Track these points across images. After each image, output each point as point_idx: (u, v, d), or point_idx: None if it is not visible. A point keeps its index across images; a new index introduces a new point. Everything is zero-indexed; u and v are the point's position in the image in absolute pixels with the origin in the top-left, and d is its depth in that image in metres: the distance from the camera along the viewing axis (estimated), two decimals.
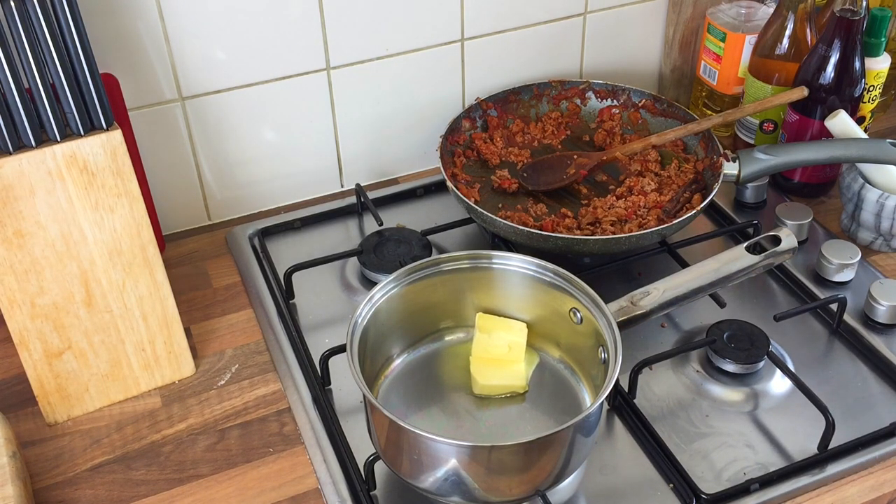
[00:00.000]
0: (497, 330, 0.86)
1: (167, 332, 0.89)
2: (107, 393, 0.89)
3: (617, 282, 1.00)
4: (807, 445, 0.82)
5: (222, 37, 1.01)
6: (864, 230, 1.05)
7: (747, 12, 1.19)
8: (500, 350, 0.85)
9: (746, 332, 0.91)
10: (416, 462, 0.73)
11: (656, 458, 0.82)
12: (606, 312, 0.79)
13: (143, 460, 0.84)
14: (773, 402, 0.88)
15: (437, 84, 1.16)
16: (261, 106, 1.07)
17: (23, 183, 0.78)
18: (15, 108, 0.76)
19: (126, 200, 0.82)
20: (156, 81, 1.01)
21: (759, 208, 1.12)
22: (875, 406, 0.87)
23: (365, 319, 0.80)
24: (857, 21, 1.02)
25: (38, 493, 0.81)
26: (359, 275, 1.04)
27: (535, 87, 1.18)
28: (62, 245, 0.81)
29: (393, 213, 1.12)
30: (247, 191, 1.13)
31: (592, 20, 1.21)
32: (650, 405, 0.87)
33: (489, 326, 0.86)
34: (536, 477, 0.73)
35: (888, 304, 0.93)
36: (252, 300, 1.01)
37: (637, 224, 1.00)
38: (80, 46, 0.76)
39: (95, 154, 0.79)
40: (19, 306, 0.82)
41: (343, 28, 1.06)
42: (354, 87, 1.11)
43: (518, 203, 1.07)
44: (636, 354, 0.89)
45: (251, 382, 0.92)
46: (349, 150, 1.16)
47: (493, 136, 1.15)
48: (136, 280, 0.86)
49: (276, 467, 0.83)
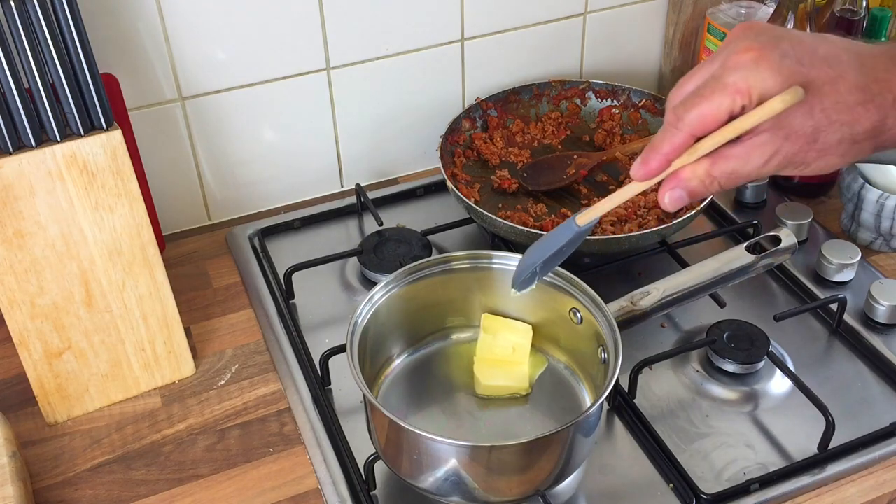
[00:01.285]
0: (502, 331, 0.86)
1: (167, 332, 0.89)
2: (107, 393, 0.89)
3: (617, 282, 1.00)
4: (807, 445, 0.82)
5: (222, 37, 1.01)
6: (864, 230, 1.05)
7: (747, 12, 1.19)
8: (504, 351, 0.85)
9: (746, 332, 0.91)
10: (416, 462, 0.73)
11: (656, 458, 0.82)
12: (606, 312, 0.79)
13: (143, 460, 0.84)
14: (773, 402, 0.88)
15: (437, 84, 1.16)
16: (261, 106, 1.07)
17: (23, 183, 0.78)
18: (15, 108, 0.76)
19: (126, 200, 0.82)
20: (156, 81, 1.01)
21: (759, 208, 1.12)
22: (875, 406, 0.87)
23: (365, 319, 0.80)
24: (857, 21, 1.02)
25: (38, 493, 0.81)
26: (359, 275, 1.04)
27: (535, 87, 1.18)
28: (62, 245, 0.81)
29: (393, 213, 1.12)
30: (247, 191, 1.13)
31: (592, 20, 1.21)
32: (650, 405, 0.87)
33: (494, 327, 0.86)
34: (536, 477, 0.73)
35: (888, 304, 0.93)
36: (252, 300, 1.01)
37: (637, 224, 1.00)
38: (80, 46, 0.76)
39: (95, 154, 0.79)
40: (19, 306, 0.82)
41: (343, 28, 1.06)
42: (354, 87, 1.11)
43: (518, 203, 1.07)
44: (636, 354, 0.89)
45: (251, 382, 0.92)
46: (349, 150, 1.16)
47: (493, 136, 1.15)
48: (136, 280, 0.86)
49: (276, 467, 0.83)
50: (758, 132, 0.56)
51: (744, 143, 0.56)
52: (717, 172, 0.57)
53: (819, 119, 0.55)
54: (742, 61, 0.55)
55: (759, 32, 0.56)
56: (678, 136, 0.57)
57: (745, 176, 0.58)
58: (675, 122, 0.57)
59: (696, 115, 0.56)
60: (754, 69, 0.54)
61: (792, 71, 0.55)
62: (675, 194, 0.58)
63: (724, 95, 0.55)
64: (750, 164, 0.57)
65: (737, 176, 0.57)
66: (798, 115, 0.55)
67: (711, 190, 0.58)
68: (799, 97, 0.54)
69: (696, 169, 0.57)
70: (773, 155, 0.56)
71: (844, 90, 0.56)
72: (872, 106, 0.56)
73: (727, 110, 0.55)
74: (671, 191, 0.58)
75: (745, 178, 0.58)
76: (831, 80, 0.55)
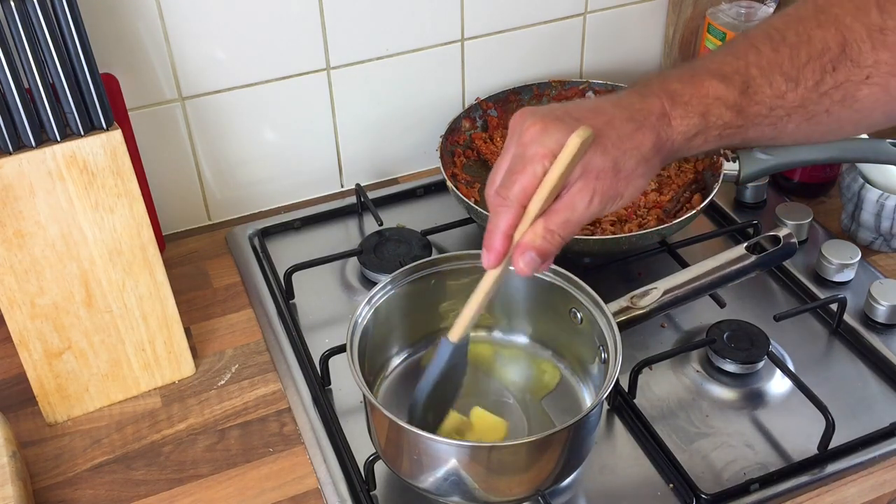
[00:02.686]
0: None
1: (167, 332, 0.89)
2: (107, 393, 0.89)
3: (617, 282, 1.00)
4: (807, 445, 0.82)
5: (222, 37, 1.01)
6: (864, 230, 1.05)
7: (747, 12, 1.19)
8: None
9: (746, 332, 0.91)
10: (416, 462, 0.73)
11: (656, 458, 0.82)
12: (606, 312, 0.79)
13: (143, 460, 0.84)
14: (773, 402, 0.88)
15: (437, 84, 1.16)
16: (261, 106, 1.07)
17: (23, 183, 0.78)
18: (15, 108, 0.76)
19: (126, 200, 0.82)
20: (156, 81, 1.01)
21: (759, 208, 1.12)
22: (875, 406, 0.87)
23: (365, 319, 0.80)
24: None
25: (38, 493, 0.81)
26: (359, 275, 1.04)
27: (535, 87, 1.18)
28: (62, 245, 0.81)
29: (393, 213, 1.12)
30: (247, 191, 1.13)
31: (592, 20, 1.21)
32: (650, 405, 0.87)
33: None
34: (536, 477, 0.73)
35: (888, 304, 0.93)
36: (252, 300, 1.01)
37: (637, 224, 1.00)
38: (80, 46, 0.76)
39: (95, 154, 0.79)
40: (19, 306, 0.82)
41: (343, 28, 1.06)
42: (354, 87, 1.11)
43: None
44: (636, 354, 0.89)
45: (251, 382, 0.92)
46: (349, 150, 1.16)
47: (493, 136, 1.15)
48: (136, 280, 0.86)
49: (276, 467, 0.83)
50: (572, 184, 0.64)
51: (564, 196, 0.64)
52: (553, 226, 0.64)
53: (614, 153, 0.64)
54: (533, 135, 0.64)
55: (534, 112, 0.66)
56: (510, 211, 0.64)
57: (576, 221, 0.64)
58: (502, 202, 0.64)
59: (519, 188, 0.64)
60: (545, 135, 0.63)
61: (574, 125, 0.63)
62: (526, 258, 0.64)
63: (534, 163, 0.63)
64: (577, 209, 0.64)
65: (570, 223, 0.64)
66: (597, 156, 0.63)
67: (555, 243, 0.64)
68: (588, 133, 0.62)
69: (535, 230, 0.64)
70: (593, 195, 0.64)
71: (619, 125, 0.65)
72: (646, 128, 0.65)
73: (540, 175, 0.63)
74: (522, 256, 0.64)
75: (577, 223, 0.64)
76: (607, 122, 0.65)
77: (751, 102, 0.67)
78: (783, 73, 0.67)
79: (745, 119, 0.68)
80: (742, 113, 0.67)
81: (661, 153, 0.66)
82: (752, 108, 0.67)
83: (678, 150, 0.68)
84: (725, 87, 0.67)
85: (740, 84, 0.67)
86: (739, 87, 0.67)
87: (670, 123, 0.66)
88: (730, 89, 0.67)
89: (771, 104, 0.67)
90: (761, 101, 0.67)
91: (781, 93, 0.67)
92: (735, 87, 0.67)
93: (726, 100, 0.67)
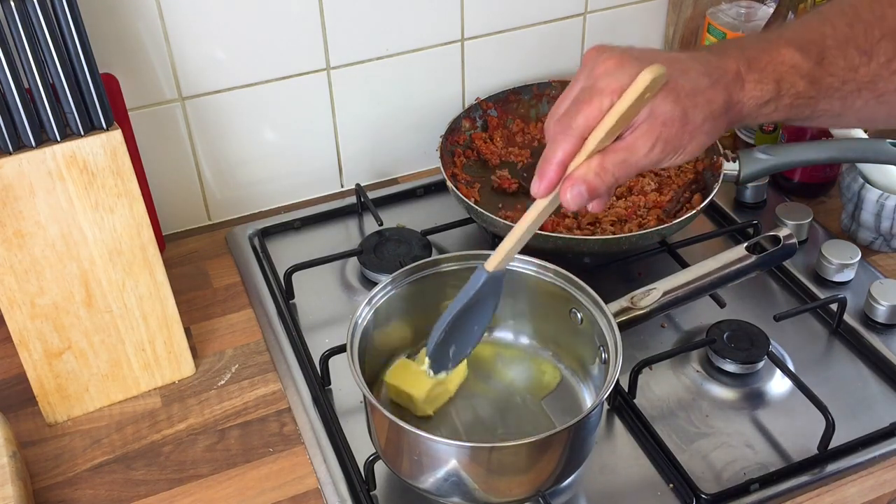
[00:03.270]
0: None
1: (167, 332, 0.89)
2: (107, 393, 0.89)
3: (617, 282, 1.00)
4: (807, 445, 0.82)
5: (222, 37, 1.01)
6: (864, 230, 1.05)
7: (747, 12, 1.19)
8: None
9: (746, 332, 0.91)
10: (416, 462, 0.73)
11: (656, 458, 0.82)
12: (607, 313, 0.79)
13: (143, 460, 0.84)
14: (773, 402, 0.88)
15: (437, 84, 1.16)
16: (261, 106, 1.07)
17: (23, 183, 0.78)
18: (15, 108, 0.76)
19: (126, 200, 0.82)
20: (156, 81, 1.01)
21: (759, 208, 1.12)
22: (875, 406, 0.87)
23: (365, 320, 0.80)
24: None
25: (38, 493, 0.81)
26: (359, 275, 1.04)
27: (535, 87, 1.18)
28: (62, 245, 0.81)
29: (393, 213, 1.12)
30: (247, 191, 1.13)
31: (592, 20, 1.21)
32: (650, 405, 0.87)
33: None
34: (537, 477, 0.73)
35: (888, 304, 0.93)
36: (252, 300, 1.01)
37: (637, 224, 1.00)
38: (80, 46, 0.76)
39: (95, 154, 0.79)
40: (19, 306, 0.82)
41: (343, 28, 1.06)
42: (354, 87, 1.11)
43: (518, 203, 1.07)
44: (636, 354, 0.89)
45: (251, 382, 0.92)
46: (349, 150, 1.16)
47: (493, 136, 1.15)
48: (136, 280, 0.86)
49: (276, 467, 0.83)
50: (636, 126, 0.62)
51: (627, 136, 0.62)
52: (609, 164, 0.62)
53: (685, 103, 0.62)
54: (607, 68, 0.62)
55: (611, 48, 0.64)
56: (568, 141, 0.62)
57: (633, 164, 0.62)
58: (563, 131, 0.62)
59: (582, 119, 0.61)
60: (619, 70, 0.61)
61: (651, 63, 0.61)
62: (575, 191, 0.62)
63: (602, 96, 0.61)
64: (637, 152, 0.62)
65: (627, 165, 0.62)
66: (668, 102, 0.62)
67: (607, 182, 0.62)
68: (661, 70, 0.59)
69: (589, 164, 0.62)
70: (656, 140, 0.62)
71: (694, 77, 0.63)
72: (719, 86, 0.64)
73: (606, 108, 0.61)
74: (571, 188, 0.62)
75: (635, 166, 0.63)
76: (683, 71, 0.63)
77: (825, 73, 0.67)
78: (857, 46, 0.67)
79: (817, 90, 0.67)
80: (815, 83, 0.67)
81: (729, 114, 0.65)
82: (825, 80, 0.67)
83: (747, 115, 0.67)
84: (802, 56, 0.66)
85: (816, 55, 0.67)
86: (815, 58, 0.67)
87: (744, 87, 0.65)
88: (805, 59, 0.66)
89: (844, 77, 0.67)
90: (835, 73, 0.67)
91: (855, 66, 0.67)
92: (811, 58, 0.66)
93: (801, 69, 0.66)
